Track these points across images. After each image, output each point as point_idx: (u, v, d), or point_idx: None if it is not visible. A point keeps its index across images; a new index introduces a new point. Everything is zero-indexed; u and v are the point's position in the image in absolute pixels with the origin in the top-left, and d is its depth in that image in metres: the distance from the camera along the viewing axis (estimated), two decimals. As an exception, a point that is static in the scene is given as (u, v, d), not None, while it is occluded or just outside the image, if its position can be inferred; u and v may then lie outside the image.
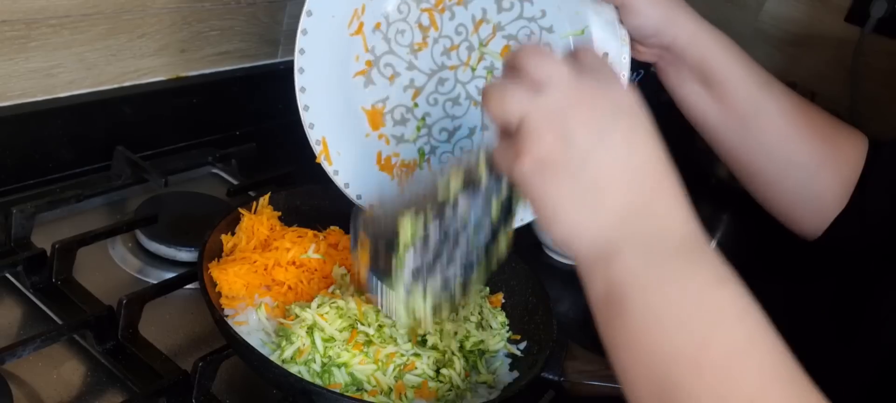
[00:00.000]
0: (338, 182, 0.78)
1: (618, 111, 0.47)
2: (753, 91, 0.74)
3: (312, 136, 0.76)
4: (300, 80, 0.74)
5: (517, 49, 0.51)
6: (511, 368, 0.71)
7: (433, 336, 0.68)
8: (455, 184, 0.56)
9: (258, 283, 0.70)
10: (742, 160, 0.78)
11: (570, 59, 0.50)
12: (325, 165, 0.77)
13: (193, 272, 0.72)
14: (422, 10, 0.77)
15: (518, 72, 0.49)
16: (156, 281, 0.75)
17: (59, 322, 0.69)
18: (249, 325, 0.67)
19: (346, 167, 0.78)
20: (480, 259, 0.59)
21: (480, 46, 0.78)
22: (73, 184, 0.87)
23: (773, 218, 0.86)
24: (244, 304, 0.68)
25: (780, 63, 1.60)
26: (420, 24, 0.77)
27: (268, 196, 0.78)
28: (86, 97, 0.89)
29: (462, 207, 0.56)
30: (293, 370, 0.61)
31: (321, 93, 0.75)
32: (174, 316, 0.74)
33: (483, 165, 0.55)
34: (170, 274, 0.76)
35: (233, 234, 0.75)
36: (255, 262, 0.71)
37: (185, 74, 1.01)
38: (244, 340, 0.61)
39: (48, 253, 0.73)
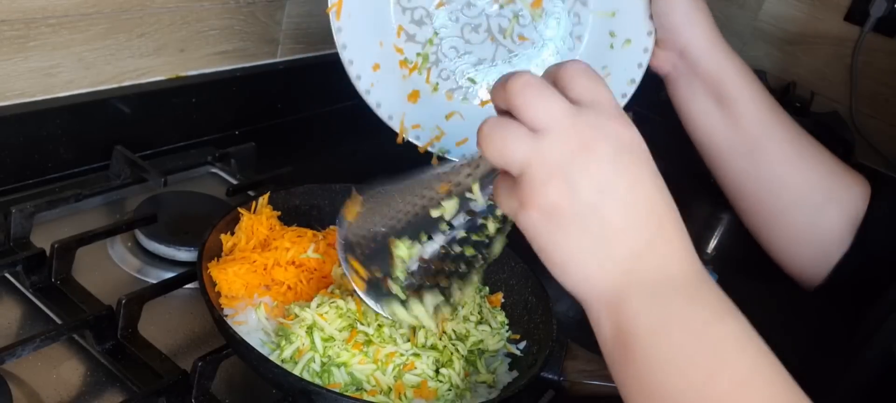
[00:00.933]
0: (339, 40, 0.78)
1: (620, 151, 0.47)
2: (764, 113, 0.74)
3: None
4: None
5: (508, 81, 0.48)
6: (510, 368, 0.71)
7: (434, 336, 0.68)
8: (450, 207, 0.56)
9: (257, 283, 0.70)
10: (747, 189, 0.77)
11: (566, 93, 0.47)
12: (333, 20, 0.76)
13: (193, 272, 0.72)
14: None
15: (514, 110, 0.47)
16: (155, 281, 0.75)
17: (59, 321, 0.69)
18: (249, 325, 0.67)
19: (352, 31, 0.77)
20: (477, 264, 0.59)
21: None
22: (72, 183, 0.87)
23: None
24: (243, 304, 0.68)
25: (780, 62, 1.60)
26: None
27: (267, 195, 0.78)
28: (85, 97, 0.89)
29: (457, 223, 0.56)
30: (292, 369, 0.61)
31: None
32: (173, 316, 0.74)
33: (478, 193, 0.54)
34: (169, 274, 0.76)
35: (232, 234, 0.75)
36: (255, 262, 0.71)
37: (185, 74, 1.01)
38: (244, 340, 0.61)
39: (47, 253, 0.73)
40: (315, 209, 0.83)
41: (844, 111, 1.53)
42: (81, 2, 0.84)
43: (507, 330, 0.75)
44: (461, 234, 0.57)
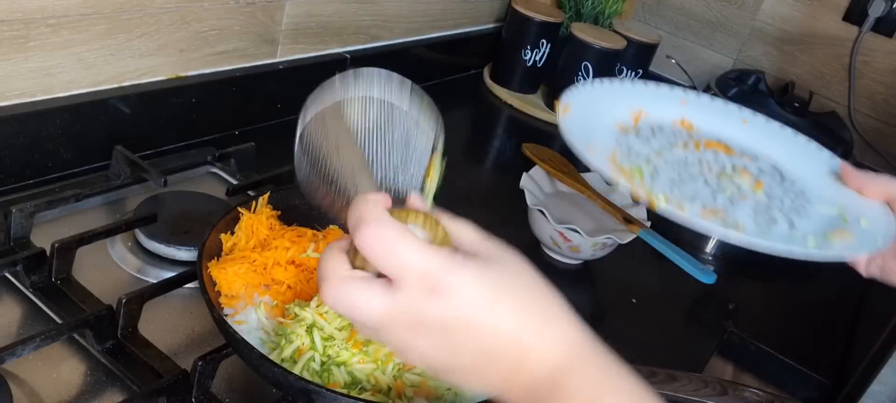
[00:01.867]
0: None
1: (447, 321, 0.48)
2: None
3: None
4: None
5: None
6: (510, 367, 0.71)
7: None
8: None
9: (257, 282, 0.70)
10: None
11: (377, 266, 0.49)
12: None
13: (193, 271, 0.72)
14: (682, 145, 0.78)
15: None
16: (155, 281, 0.75)
17: (59, 321, 0.69)
18: (249, 324, 0.67)
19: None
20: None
21: (732, 170, 0.78)
22: (73, 183, 0.87)
23: None
24: (243, 303, 0.68)
25: (778, 62, 1.60)
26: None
27: (267, 195, 0.78)
28: (85, 97, 0.89)
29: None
30: (292, 369, 0.62)
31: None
32: (174, 316, 0.74)
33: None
34: (169, 274, 0.76)
35: (232, 233, 0.75)
36: (255, 261, 0.71)
37: (184, 74, 1.01)
38: (243, 339, 0.61)
39: (48, 253, 0.73)
40: (315, 209, 0.83)
41: (843, 111, 1.53)
42: (81, 2, 0.84)
43: (507, 330, 0.75)
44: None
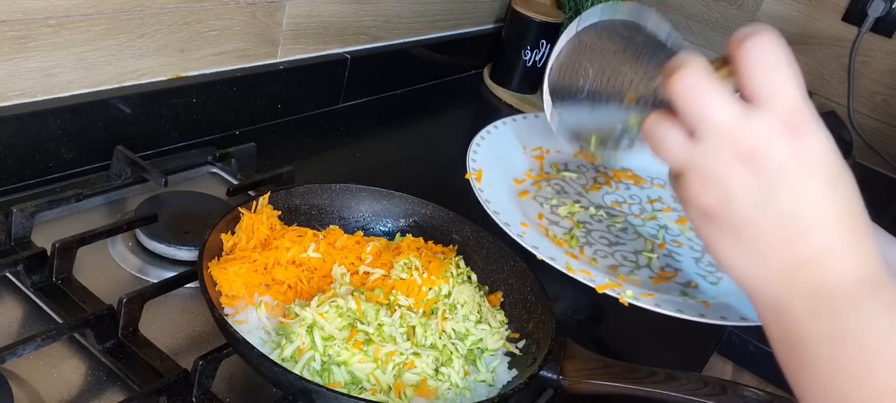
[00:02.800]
0: (481, 197, 0.81)
1: (785, 166, 0.44)
2: None
3: (471, 166, 0.80)
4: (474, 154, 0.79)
5: (676, 75, 0.45)
6: (510, 367, 0.72)
7: (434, 334, 0.68)
8: (634, 122, 0.56)
9: (258, 282, 0.70)
10: None
11: (743, 85, 0.44)
12: (474, 184, 0.79)
13: (193, 271, 0.72)
14: (598, 174, 0.79)
15: (678, 109, 0.46)
16: (156, 280, 0.75)
17: (60, 321, 0.69)
18: (249, 324, 0.67)
19: (496, 196, 0.81)
20: None
21: (653, 211, 0.78)
22: (73, 183, 0.87)
23: None
24: (244, 303, 0.69)
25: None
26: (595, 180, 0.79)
27: (267, 195, 0.79)
28: (85, 97, 0.89)
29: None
30: (293, 368, 0.62)
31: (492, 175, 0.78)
32: (174, 315, 0.75)
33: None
34: (170, 273, 0.76)
35: (232, 233, 0.75)
36: (255, 261, 0.71)
37: (185, 74, 1.01)
38: (244, 339, 0.61)
39: (48, 253, 0.73)
40: (315, 209, 0.83)
41: (842, 111, 1.53)
42: (82, 2, 0.84)
43: (507, 329, 0.75)
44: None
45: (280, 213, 0.79)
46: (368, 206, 0.85)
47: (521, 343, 0.74)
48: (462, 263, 0.79)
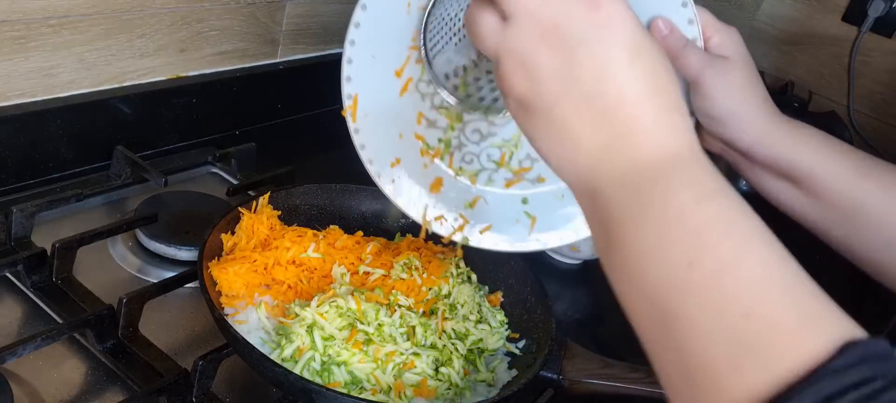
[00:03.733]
0: (357, 141, 0.76)
1: (585, 39, 0.43)
2: (850, 183, 0.65)
3: (346, 90, 0.76)
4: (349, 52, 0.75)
5: None
6: (510, 366, 0.72)
7: (434, 334, 0.68)
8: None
9: (258, 282, 0.70)
10: (858, 254, 0.68)
11: None
12: (350, 122, 0.76)
13: (193, 271, 0.72)
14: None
15: None
16: (156, 280, 0.75)
17: (60, 321, 0.69)
18: (249, 324, 0.67)
19: (370, 129, 0.77)
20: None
21: None
22: (73, 183, 0.87)
23: (772, 212, 0.83)
24: (244, 303, 0.69)
25: (778, 62, 1.60)
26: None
27: (267, 195, 0.79)
28: (85, 97, 0.89)
29: None
30: (293, 368, 0.62)
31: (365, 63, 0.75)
32: (174, 315, 0.75)
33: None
34: (170, 273, 0.76)
35: (232, 233, 0.75)
36: (255, 261, 0.71)
37: (185, 74, 1.01)
38: (244, 339, 0.61)
39: (48, 253, 0.73)
40: (315, 209, 0.83)
41: (842, 111, 1.53)
42: (82, 2, 0.84)
43: (507, 329, 0.75)
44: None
45: (280, 213, 0.79)
46: (368, 206, 0.85)
47: (521, 343, 0.74)
48: (462, 263, 0.79)
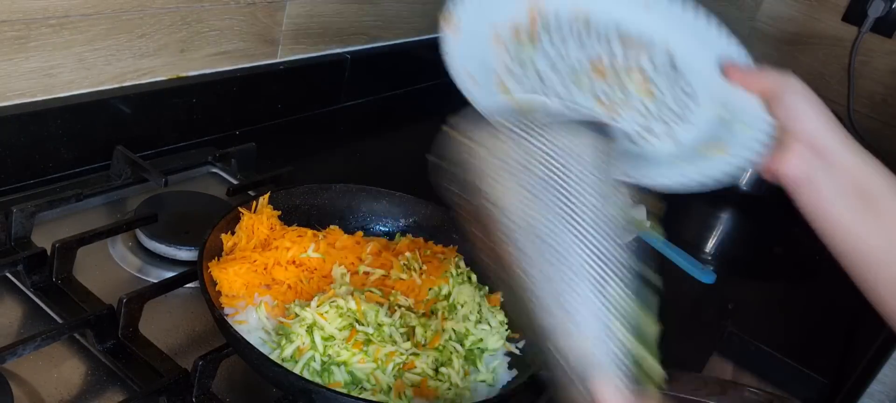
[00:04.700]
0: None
1: None
2: None
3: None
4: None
5: None
6: (510, 366, 0.72)
7: (433, 334, 0.68)
8: None
9: (258, 282, 0.70)
10: None
11: None
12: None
13: (193, 271, 0.72)
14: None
15: None
16: (156, 280, 0.75)
17: (60, 321, 0.69)
18: (249, 324, 0.67)
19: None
20: None
21: (624, 69, 0.74)
22: (73, 183, 0.87)
23: (771, 217, 0.83)
24: (244, 303, 0.69)
25: (777, 62, 1.60)
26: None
27: (267, 195, 0.79)
28: (85, 97, 0.89)
29: None
30: (293, 368, 0.62)
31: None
32: (174, 315, 0.75)
33: None
34: (170, 274, 0.76)
35: (232, 233, 0.75)
36: (255, 261, 0.71)
37: (185, 74, 1.01)
38: (244, 339, 0.61)
39: (48, 253, 0.73)
40: (315, 209, 0.83)
41: (842, 111, 1.53)
42: (82, 2, 0.84)
43: (507, 329, 0.75)
44: None
45: (280, 213, 0.79)
46: (368, 206, 0.85)
47: (521, 343, 0.74)
48: (462, 263, 0.79)
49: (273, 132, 1.13)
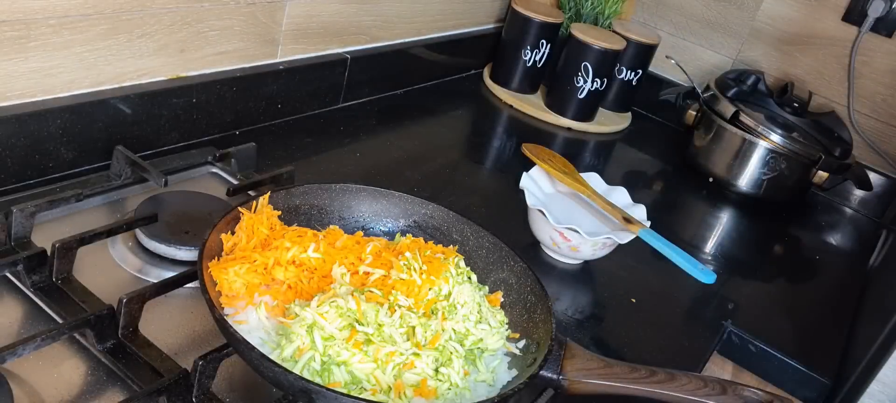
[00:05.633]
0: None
1: None
2: None
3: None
4: None
5: None
6: (510, 367, 0.72)
7: (433, 334, 0.68)
8: None
9: (258, 282, 0.70)
10: None
11: None
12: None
13: (193, 271, 0.72)
14: None
15: None
16: (156, 280, 0.75)
17: (60, 321, 0.69)
18: (249, 324, 0.67)
19: None
20: None
21: None
22: (73, 183, 0.87)
23: (771, 217, 0.84)
24: (244, 303, 0.69)
25: (778, 62, 1.60)
26: None
27: (267, 195, 0.79)
28: (85, 97, 0.89)
29: None
30: (293, 368, 0.62)
31: None
32: (174, 315, 0.75)
33: None
34: (170, 273, 0.76)
35: (232, 233, 0.75)
36: (255, 261, 0.71)
37: (185, 74, 1.01)
38: (244, 339, 0.61)
39: (48, 253, 0.73)
40: (315, 209, 0.83)
41: (842, 111, 1.53)
42: (82, 2, 0.84)
43: (507, 329, 0.75)
44: None
45: (280, 213, 0.79)
46: (368, 206, 0.85)
47: (521, 343, 0.74)
48: (462, 263, 0.79)
49: (273, 132, 1.13)
